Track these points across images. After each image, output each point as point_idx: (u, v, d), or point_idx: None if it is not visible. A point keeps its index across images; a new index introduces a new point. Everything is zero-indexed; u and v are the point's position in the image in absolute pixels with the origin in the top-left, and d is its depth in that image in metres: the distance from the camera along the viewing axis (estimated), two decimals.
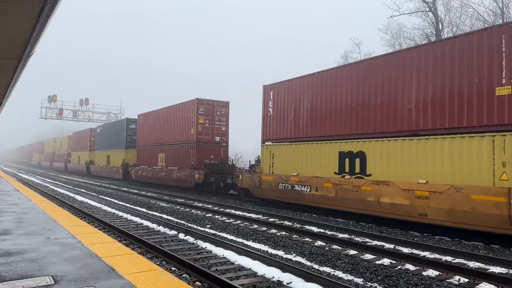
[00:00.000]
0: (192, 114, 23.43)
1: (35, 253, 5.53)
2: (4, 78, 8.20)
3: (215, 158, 23.39)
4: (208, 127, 23.40)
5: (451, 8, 30.76)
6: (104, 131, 39.23)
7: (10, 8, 4.36)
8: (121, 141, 33.84)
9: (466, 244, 9.79)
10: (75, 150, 48.59)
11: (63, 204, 16.16)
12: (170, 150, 25.70)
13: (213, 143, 23.53)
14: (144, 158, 29.80)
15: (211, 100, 23.68)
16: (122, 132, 33.92)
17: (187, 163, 23.56)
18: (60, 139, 57.76)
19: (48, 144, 66.01)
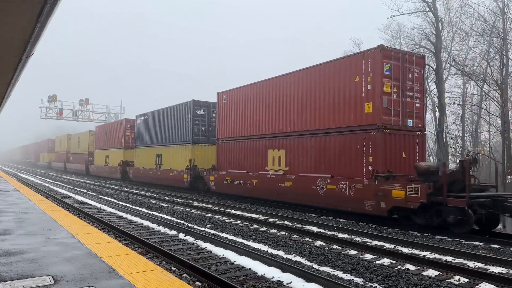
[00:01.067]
0: (362, 72, 13.15)
1: (35, 253, 5.52)
2: (4, 78, 8.20)
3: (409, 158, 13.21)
4: (397, 100, 12.97)
5: (451, 8, 30.74)
6: (149, 122, 29.67)
7: (10, 8, 4.36)
8: (184, 134, 24.40)
9: (466, 244, 9.79)
10: (101, 148, 39.57)
11: (63, 204, 16.16)
12: (300, 145, 15.58)
13: (404, 131, 13.13)
14: (232, 157, 19.81)
15: (400, 51, 14.14)
16: (184, 120, 24.36)
17: (353, 169, 13.19)
18: (78, 135, 48.13)
19: (60, 142, 56.47)
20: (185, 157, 23.94)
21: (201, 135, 23.93)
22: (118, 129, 35.34)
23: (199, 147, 23.83)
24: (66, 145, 51.91)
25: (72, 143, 50.06)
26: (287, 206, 16.47)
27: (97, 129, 42.05)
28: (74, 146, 49.30)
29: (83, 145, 44.69)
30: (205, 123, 24.03)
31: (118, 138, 34.95)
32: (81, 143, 45.64)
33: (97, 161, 40.40)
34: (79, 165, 45.08)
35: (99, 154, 40.05)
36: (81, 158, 44.69)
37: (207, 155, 23.73)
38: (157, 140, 28.07)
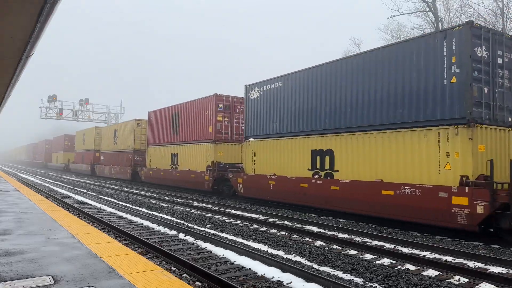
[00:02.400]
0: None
1: (35, 253, 5.52)
2: (4, 78, 8.20)
3: None
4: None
5: (451, 8, 30.77)
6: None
7: (10, 8, 4.36)
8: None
9: (466, 244, 9.79)
10: (163, 142, 27.37)
11: (63, 204, 16.16)
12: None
13: None
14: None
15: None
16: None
17: None
18: (114, 127, 37.79)
19: (84, 137, 45.15)
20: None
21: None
22: (205, 107, 22.55)
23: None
24: (93, 141, 41.90)
25: (106, 138, 38.68)
26: (288, 206, 16.47)
27: (153, 116, 29.02)
28: (107, 142, 38.24)
29: (125, 140, 33.54)
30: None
31: (202, 127, 22.69)
32: (120, 138, 34.64)
33: (154, 162, 28.45)
34: (117, 167, 34.40)
35: (159, 151, 27.81)
36: (123, 158, 33.43)
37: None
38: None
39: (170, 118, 26.71)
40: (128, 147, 32.83)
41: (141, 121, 32.24)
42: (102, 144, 40.13)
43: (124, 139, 33.93)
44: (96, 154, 41.74)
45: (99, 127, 42.59)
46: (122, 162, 33.97)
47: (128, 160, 32.58)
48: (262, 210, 15.16)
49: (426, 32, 29.40)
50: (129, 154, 32.34)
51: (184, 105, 25.05)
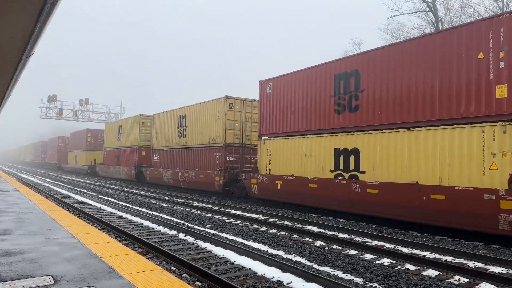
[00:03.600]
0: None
1: (35, 253, 5.52)
2: (4, 78, 8.20)
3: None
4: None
5: (451, 8, 30.78)
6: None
7: (10, 8, 4.36)
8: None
9: (466, 244, 9.79)
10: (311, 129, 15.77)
11: (63, 204, 16.16)
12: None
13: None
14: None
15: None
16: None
17: None
18: (183, 110, 25.27)
19: (123, 129, 34.07)
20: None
21: None
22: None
23: None
24: (138, 135, 30.77)
25: (160, 128, 28.01)
26: (287, 206, 16.47)
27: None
28: (166, 135, 26.99)
29: (204, 130, 22.71)
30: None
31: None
32: (195, 127, 23.63)
33: (281, 164, 16.83)
34: (191, 173, 23.20)
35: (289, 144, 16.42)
36: (200, 158, 22.97)
37: None
38: None
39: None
40: (213, 140, 21.65)
41: (237, 100, 21.36)
42: (157, 138, 28.27)
43: (204, 130, 22.56)
44: (141, 152, 30.43)
45: (145, 115, 31.15)
46: (201, 164, 22.67)
47: (213, 161, 21.61)
48: (262, 210, 15.15)
49: (426, 32, 29.41)
50: (216, 152, 21.37)
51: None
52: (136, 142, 31.17)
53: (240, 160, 21.28)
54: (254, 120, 21.20)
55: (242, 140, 21.55)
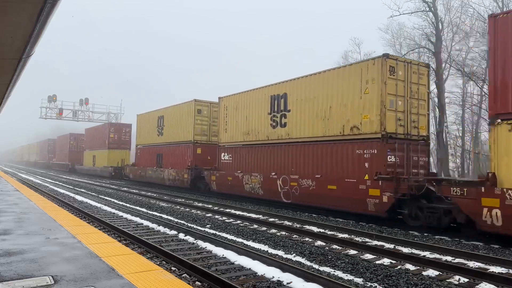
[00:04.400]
0: None
1: (35, 253, 5.52)
2: (4, 78, 8.20)
3: None
4: None
5: (451, 8, 30.70)
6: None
7: (10, 8, 4.36)
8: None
9: (466, 244, 9.79)
10: None
11: (63, 204, 16.16)
12: None
13: None
14: None
15: None
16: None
17: None
18: (269, 90, 17.88)
19: (165, 121, 27.09)
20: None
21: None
22: None
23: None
24: (192, 128, 23.77)
25: (226, 120, 20.88)
26: (288, 206, 16.47)
27: None
28: (238, 127, 19.88)
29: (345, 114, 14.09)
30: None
31: None
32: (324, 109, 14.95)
33: None
34: (305, 181, 15.30)
35: None
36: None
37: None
38: None
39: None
40: (354, 130, 13.71)
41: None
42: (227, 130, 20.56)
43: (339, 112, 14.40)
44: (196, 150, 23.58)
45: (203, 101, 24.18)
46: (334, 168, 14.40)
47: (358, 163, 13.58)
48: (262, 210, 15.15)
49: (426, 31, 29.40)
50: (361, 148, 13.49)
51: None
52: (189, 137, 23.90)
53: (405, 161, 13.28)
54: None
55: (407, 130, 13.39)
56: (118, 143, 38.46)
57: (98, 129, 42.48)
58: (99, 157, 40.13)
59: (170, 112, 26.81)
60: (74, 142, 52.21)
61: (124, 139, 38.84)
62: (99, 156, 40.36)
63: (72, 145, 52.30)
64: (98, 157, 40.67)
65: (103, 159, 38.88)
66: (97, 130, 42.32)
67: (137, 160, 31.92)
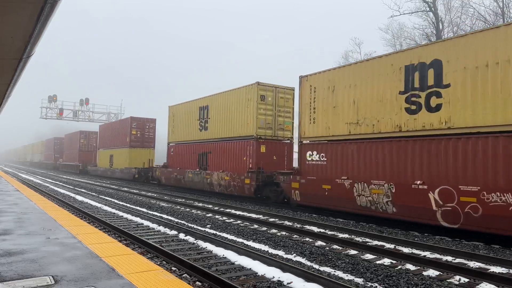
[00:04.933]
0: None
1: (35, 253, 5.52)
2: (4, 78, 8.21)
3: None
4: None
5: (451, 8, 30.76)
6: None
7: (10, 8, 4.37)
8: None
9: (467, 244, 9.78)
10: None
11: (64, 204, 16.17)
12: None
13: None
14: None
15: None
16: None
17: None
18: (397, 58, 12.34)
19: (210, 110, 22.43)
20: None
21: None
22: None
23: None
24: (254, 119, 18.83)
25: (319, 104, 15.05)
26: (289, 206, 16.49)
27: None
28: (343, 114, 13.98)
29: None
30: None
31: None
32: None
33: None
34: None
35: None
36: None
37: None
38: None
39: None
40: None
41: None
42: (315, 122, 15.26)
43: None
44: (260, 147, 18.79)
45: (266, 84, 19.23)
46: None
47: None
48: (263, 210, 15.15)
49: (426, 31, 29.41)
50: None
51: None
52: (249, 131, 18.96)
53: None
54: None
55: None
56: (141, 140, 32.83)
57: (115, 125, 36.98)
58: (118, 157, 35.03)
59: (219, 100, 21.75)
60: (84, 140, 47.05)
61: (148, 136, 33.39)
62: (118, 155, 35.14)
63: (82, 144, 47.09)
64: (116, 157, 35.51)
65: (123, 159, 33.66)
66: (115, 126, 36.95)
67: (170, 161, 26.07)
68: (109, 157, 37.49)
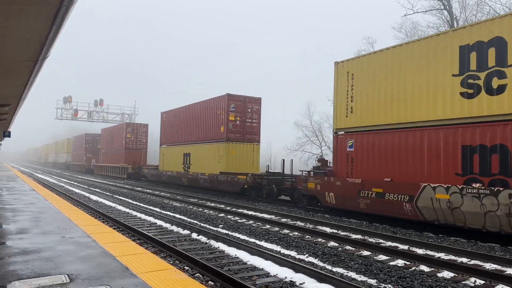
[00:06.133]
0: None
1: (51, 251, 5.61)
2: (21, 79, 8.34)
3: None
4: None
5: (466, 5, 30.24)
6: None
7: (27, 11, 4.45)
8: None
9: (482, 245, 9.63)
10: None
11: (78, 204, 16.38)
12: None
13: None
14: None
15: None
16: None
17: None
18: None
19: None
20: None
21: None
22: None
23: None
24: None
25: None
26: (300, 207, 16.44)
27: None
28: None
29: None
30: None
31: None
32: None
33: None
34: None
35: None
36: None
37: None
38: None
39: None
40: None
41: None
42: None
43: None
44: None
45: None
46: None
47: None
48: (275, 211, 15.14)
49: (440, 30, 29.00)
50: None
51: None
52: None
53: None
54: None
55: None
56: (241, 132, 22.23)
57: (193, 109, 25.67)
58: (203, 154, 23.66)
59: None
60: (131, 134, 36.80)
61: (251, 124, 22.70)
62: (202, 153, 23.84)
63: (130, 140, 36.99)
64: (198, 156, 24.28)
65: (214, 160, 22.61)
66: (192, 110, 25.83)
67: (341, 165, 14.26)
68: (183, 156, 26.40)
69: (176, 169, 27.23)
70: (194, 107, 25.60)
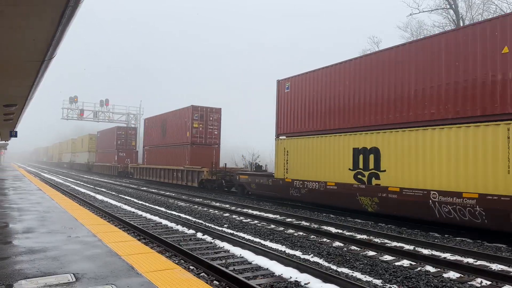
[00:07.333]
0: None
1: (57, 251, 5.65)
2: (27, 80, 8.40)
3: None
4: None
5: (472, 5, 30.07)
6: None
7: (33, 12, 4.48)
8: None
9: (489, 245, 9.57)
10: None
11: (84, 203, 16.46)
12: None
13: None
14: None
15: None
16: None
17: None
18: None
19: None
20: None
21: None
22: None
23: None
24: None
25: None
26: (305, 206, 16.41)
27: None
28: None
29: None
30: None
31: None
32: None
33: None
34: None
35: None
36: None
37: None
38: None
39: None
40: None
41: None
42: None
43: None
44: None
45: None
46: None
47: None
48: (280, 211, 15.13)
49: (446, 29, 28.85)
50: None
51: None
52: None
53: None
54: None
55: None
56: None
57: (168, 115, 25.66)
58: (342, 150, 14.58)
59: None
60: (201, 123, 26.63)
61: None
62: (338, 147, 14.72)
63: (197, 132, 26.66)
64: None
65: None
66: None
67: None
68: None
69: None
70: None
